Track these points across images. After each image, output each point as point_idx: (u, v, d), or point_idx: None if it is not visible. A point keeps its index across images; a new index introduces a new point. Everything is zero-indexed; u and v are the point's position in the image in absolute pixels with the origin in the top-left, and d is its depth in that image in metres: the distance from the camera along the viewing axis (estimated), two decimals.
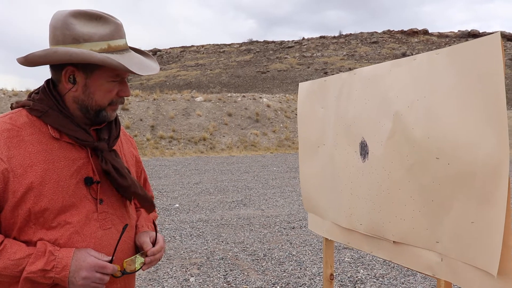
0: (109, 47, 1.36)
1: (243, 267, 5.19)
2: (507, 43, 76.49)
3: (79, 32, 1.33)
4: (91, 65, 1.36)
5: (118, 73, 1.39)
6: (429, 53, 1.68)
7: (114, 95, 1.43)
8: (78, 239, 1.36)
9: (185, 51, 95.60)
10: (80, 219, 1.37)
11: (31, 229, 1.32)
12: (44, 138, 1.37)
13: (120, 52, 1.39)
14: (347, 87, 2.16)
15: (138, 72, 1.36)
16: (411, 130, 1.72)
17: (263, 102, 27.64)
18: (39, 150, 1.35)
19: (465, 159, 1.47)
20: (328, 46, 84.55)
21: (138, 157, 1.74)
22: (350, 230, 2.21)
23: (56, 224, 1.34)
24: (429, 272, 1.72)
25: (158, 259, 1.53)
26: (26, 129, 1.36)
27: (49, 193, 1.33)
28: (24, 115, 1.39)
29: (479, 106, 1.42)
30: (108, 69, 1.37)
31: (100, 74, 1.38)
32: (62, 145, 1.38)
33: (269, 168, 15.85)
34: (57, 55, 1.31)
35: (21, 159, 1.31)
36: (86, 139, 1.40)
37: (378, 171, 1.93)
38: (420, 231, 1.72)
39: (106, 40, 1.36)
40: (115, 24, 1.39)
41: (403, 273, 4.94)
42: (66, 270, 1.29)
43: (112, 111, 1.45)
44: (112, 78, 1.39)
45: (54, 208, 1.33)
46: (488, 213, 1.40)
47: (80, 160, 1.40)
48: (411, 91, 1.73)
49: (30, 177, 1.31)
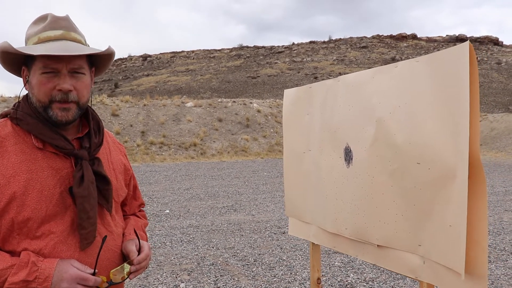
0: (38, 39, 1.39)
1: (234, 273, 5.20)
2: (494, 47, 77.30)
3: (27, 34, 1.43)
4: (29, 61, 1.39)
5: (45, 63, 1.35)
6: (410, 60, 1.73)
7: (50, 89, 1.36)
8: (63, 249, 1.36)
9: (175, 57, 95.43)
10: (64, 229, 1.37)
11: (15, 239, 1.32)
12: (27, 148, 1.37)
13: (50, 41, 1.38)
14: (331, 93, 2.20)
15: (52, 53, 1.32)
16: (393, 135, 1.76)
17: (253, 107, 27.70)
18: (22, 160, 1.35)
19: (443, 164, 1.52)
20: (318, 51, 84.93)
21: (127, 165, 1.72)
22: (336, 234, 2.24)
23: (40, 233, 1.34)
24: (412, 275, 1.76)
25: (144, 267, 1.53)
26: (9, 139, 1.37)
27: (32, 202, 1.33)
28: (9, 125, 1.40)
29: (450, 112, 1.47)
30: (39, 61, 1.36)
31: (34, 68, 1.38)
32: (46, 155, 1.38)
33: (259, 173, 15.88)
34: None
35: (3, 170, 1.32)
36: (64, 147, 1.39)
37: (362, 176, 1.97)
38: (403, 235, 1.76)
39: (37, 34, 1.40)
40: (51, 18, 1.41)
41: (393, 276, 4.98)
42: (48, 281, 1.28)
43: (59, 110, 1.38)
44: (41, 70, 1.36)
45: (38, 218, 1.33)
46: (457, 215, 1.45)
47: (64, 169, 1.40)
48: (393, 97, 1.77)
49: (12, 187, 1.31)
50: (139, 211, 1.83)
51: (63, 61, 1.35)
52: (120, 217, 1.62)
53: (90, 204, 1.39)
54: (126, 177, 1.70)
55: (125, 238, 1.58)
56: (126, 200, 1.73)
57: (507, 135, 26.43)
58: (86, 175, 1.39)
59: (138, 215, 1.80)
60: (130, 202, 1.76)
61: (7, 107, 22.44)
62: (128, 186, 1.72)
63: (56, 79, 1.36)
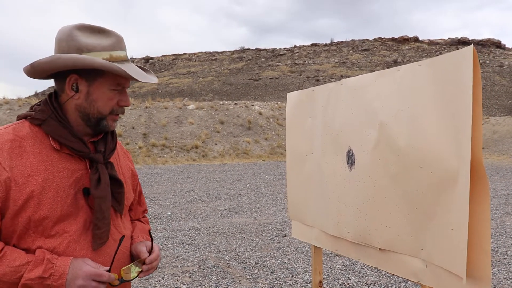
0: (110, 57, 1.43)
1: (235, 275, 5.20)
2: (496, 50, 77.26)
3: (83, 43, 1.40)
4: (93, 73, 1.42)
5: (119, 81, 1.46)
6: (412, 64, 1.73)
7: (115, 104, 1.48)
8: (76, 248, 1.40)
9: (177, 59, 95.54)
10: (77, 228, 1.41)
11: (31, 237, 1.36)
12: (45, 149, 1.41)
13: (121, 62, 1.45)
14: (334, 97, 2.21)
15: (138, 79, 1.43)
16: (396, 139, 1.77)
17: (255, 109, 27.71)
18: (40, 160, 1.39)
19: (445, 168, 1.52)
20: (320, 53, 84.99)
21: (134, 171, 1.79)
22: (338, 237, 2.24)
23: (54, 232, 1.38)
24: (414, 279, 1.76)
25: (155, 267, 1.58)
26: (28, 139, 1.41)
27: (49, 202, 1.37)
28: (27, 126, 1.44)
29: (453, 116, 1.47)
30: (110, 77, 1.43)
31: (102, 82, 1.44)
32: (62, 156, 1.43)
33: (261, 175, 15.87)
34: (61, 61, 1.37)
35: (22, 169, 1.36)
36: (81, 150, 1.44)
37: (364, 179, 1.97)
38: (405, 238, 1.76)
39: (108, 51, 1.43)
40: (116, 36, 1.47)
41: (394, 280, 4.97)
42: (63, 278, 1.32)
43: (112, 121, 1.50)
44: (113, 87, 1.45)
45: (53, 217, 1.37)
46: (459, 218, 1.45)
47: (79, 171, 1.45)
48: (396, 101, 1.78)
49: (30, 186, 1.35)
50: (142, 217, 1.87)
51: (128, 82, 1.49)
52: (128, 221, 1.68)
53: (106, 205, 1.45)
54: (134, 182, 1.77)
55: (133, 241, 1.64)
56: (132, 205, 1.78)
57: (509, 138, 26.38)
58: (103, 177, 1.45)
59: (142, 220, 1.85)
60: (135, 208, 1.81)
61: (10, 109, 22.50)
62: (134, 191, 1.77)
63: (118, 95, 1.48)
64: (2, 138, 1.38)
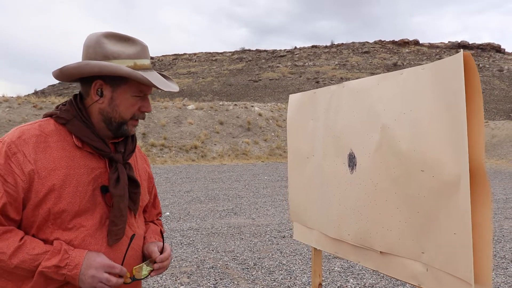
0: (135, 65, 1.50)
1: (233, 276, 5.19)
2: (496, 54, 77.39)
3: (109, 50, 1.48)
4: (118, 80, 1.49)
5: (142, 88, 1.53)
6: (415, 68, 1.73)
7: (136, 109, 1.55)
8: (91, 242, 1.47)
9: (177, 59, 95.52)
10: (94, 224, 1.48)
11: (49, 229, 1.43)
12: (68, 146, 1.49)
13: (144, 70, 1.52)
14: (336, 99, 2.21)
15: (160, 87, 1.49)
16: (398, 142, 1.77)
17: (254, 110, 27.71)
18: (63, 156, 1.47)
19: (447, 172, 1.52)
20: (320, 55, 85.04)
21: (151, 174, 1.85)
22: (338, 240, 2.24)
23: (72, 226, 1.45)
24: (414, 282, 1.76)
25: (166, 266, 1.63)
26: (52, 136, 1.49)
27: (68, 196, 1.44)
28: (52, 124, 1.52)
29: (451, 120, 1.48)
30: (133, 85, 1.51)
31: (126, 88, 1.51)
32: (83, 154, 1.51)
33: (260, 176, 15.87)
34: (89, 67, 1.46)
35: (45, 163, 1.43)
36: (103, 149, 1.52)
37: (366, 182, 1.97)
38: (406, 242, 1.76)
39: (132, 59, 1.50)
40: (141, 45, 1.55)
41: (393, 283, 4.97)
42: (77, 268, 1.39)
43: (133, 126, 1.58)
44: (136, 93, 1.53)
45: (71, 211, 1.44)
46: (461, 223, 1.45)
47: (98, 169, 1.52)
48: (398, 104, 1.78)
49: (52, 180, 1.42)
50: (156, 219, 1.93)
51: (150, 89, 1.55)
52: (142, 221, 1.74)
53: (124, 203, 1.52)
54: (149, 185, 1.83)
55: (146, 241, 1.70)
56: (147, 207, 1.85)
57: (508, 143, 26.42)
58: (122, 177, 1.53)
59: (156, 223, 1.90)
60: (149, 210, 1.87)
61: (9, 107, 22.49)
62: (150, 194, 1.84)
63: (140, 101, 1.56)
64: (29, 133, 1.47)
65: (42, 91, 71.02)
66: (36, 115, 22.15)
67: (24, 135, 1.45)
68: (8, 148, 1.42)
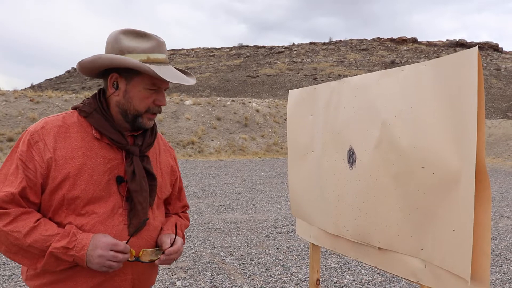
0: (148, 59, 1.57)
1: (230, 271, 5.20)
2: (493, 53, 77.56)
3: (125, 45, 1.57)
4: (131, 73, 1.57)
5: (155, 81, 1.58)
6: (416, 64, 1.73)
7: (151, 102, 1.60)
8: (101, 228, 1.54)
9: (175, 54, 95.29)
10: (105, 211, 1.56)
11: (63, 213, 1.53)
12: (87, 137, 1.59)
13: (158, 64, 1.58)
14: (336, 95, 2.20)
15: (167, 79, 1.54)
16: (398, 139, 1.76)
17: (252, 106, 27.68)
18: (81, 146, 1.56)
19: (447, 168, 1.52)
20: (318, 52, 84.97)
21: (174, 167, 1.88)
22: (337, 236, 2.24)
23: (84, 212, 1.53)
24: (413, 278, 1.76)
25: (173, 259, 1.66)
26: (74, 127, 1.59)
27: (83, 183, 1.53)
28: (75, 116, 1.62)
29: (456, 117, 1.47)
30: (146, 77, 1.56)
31: (138, 81, 1.57)
32: (101, 145, 1.59)
33: (257, 172, 15.87)
34: (101, 60, 1.55)
35: (64, 151, 1.53)
36: (119, 141, 1.59)
37: (365, 178, 1.97)
38: (405, 238, 1.76)
39: (146, 53, 1.57)
40: (156, 40, 1.61)
41: (389, 279, 4.99)
42: (84, 249, 1.47)
43: (148, 119, 1.63)
44: (148, 86, 1.58)
45: (85, 198, 1.53)
46: (462, 220, 1.45)
47: (115, 160, 1.60)
48: (399, 101, 1.78)
49: (68, 168, 1.52)
50: (182, 212, 1.98)
51: (166, 82, 1.60)
52: (161, 213, 1.78)
53: (143, 196, 1.60)
54: (172, 178, 1.87)
55: (162, 232, 1.73)
56: (171, 199, 1.90)
57: (504, 141, 26.49)
58: (138, 170, 1.59)
59: (180, 215, 1.96)
60: (174, 202, 1.92)
61: (5, 100, 22.38)
62: (173, 187, 1.88)
63: (155, 94, 1.61)
64: (52, 123, 1.58)
65: (39, 85, 70.71)
66: (33, 109, 22.08)
67: (47, 125, 1.56)
68: (31, 137, 1.53)
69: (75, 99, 24.25)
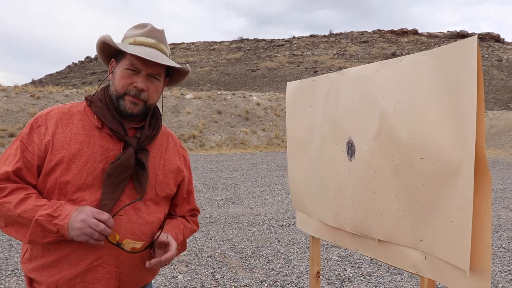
0: (134, 41, 1.65)
1: (231, 265, 5.21)
2: (495, 44, 77.19)
3: (126, 34, 1.70)
4: (119, 56, 1.64)
5: (132, 62, 1.60)
6: (415, 54, 1.71)
7: (129, 84, 1.61)
8: None
9: (175, 48, 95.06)
10: (94, 200, 1.56)
11: (56, 196, 1.56)
12: (88, 125, 1.63)
13: (140, 45, 1.63)
14: (335, 87, 2.18)
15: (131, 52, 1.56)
16: (397, 130, 1.75)
17: (253, 100, 27.65)
18: (80, 133, 1.60)
19: (447, 159, 1.50)
20: (319, 45, 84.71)
21: (181, 168, 1.85)
22: (337, 228, 2.23)
23: (75, 198, 1.55)
24: (413, 270, 1.75)
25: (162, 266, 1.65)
26: (78, 115, 1.64)
27: (76, 169, 1.56)
28: (83, 105, 1.68)
29: (456, 107, 1.45)
30: (127, 58, 1.60)
31: (122, 62, 1.62)
32: (102, 135, 1.62)
33: (258, 166, 15.87)
34: (97, 43, 1.65)
35: (62, 136, 1.58)
36: (117, 131, 1.62)
37: (364, 170, 1.95)
38: (405, 230, 1.75)
39: (134, 37, 1.66)
40: (150, 28, 1.68)
41: (390, 271, 4.99)
42: (67, 218, 1.48)
43: (130, 103, 1.62)
44: (127, 66, 1.60)
45: (76, 183, 1.55)
46: (461, 210, 1.43)
47: (113, 150, 1.62)
48: (398, 91, 1.76)
49: (63, 152, 1.56)
50: (190, 216, 1.94)
51: (146, 65, 1.60)
52: (159, 210, 1.74)
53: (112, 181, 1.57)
54: (177, 178, 1.83)
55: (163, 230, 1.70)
56: (178, 201, 1.88)
57: (506, 133, 26.44)
58: (123, 158, 1.58)
59: (188, 219, 1.92)
60: (181, 204, 1.90)
61: (6, 96, 22.39)
62: (180, 188, 1.86)
63: (135, 77, 1.61)
64: (58, 110, 1.64)
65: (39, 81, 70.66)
66: (34, 104, 22.08)
67: (53, 112, 1.63)
68: (35, 121, 1.61)
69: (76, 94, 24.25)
